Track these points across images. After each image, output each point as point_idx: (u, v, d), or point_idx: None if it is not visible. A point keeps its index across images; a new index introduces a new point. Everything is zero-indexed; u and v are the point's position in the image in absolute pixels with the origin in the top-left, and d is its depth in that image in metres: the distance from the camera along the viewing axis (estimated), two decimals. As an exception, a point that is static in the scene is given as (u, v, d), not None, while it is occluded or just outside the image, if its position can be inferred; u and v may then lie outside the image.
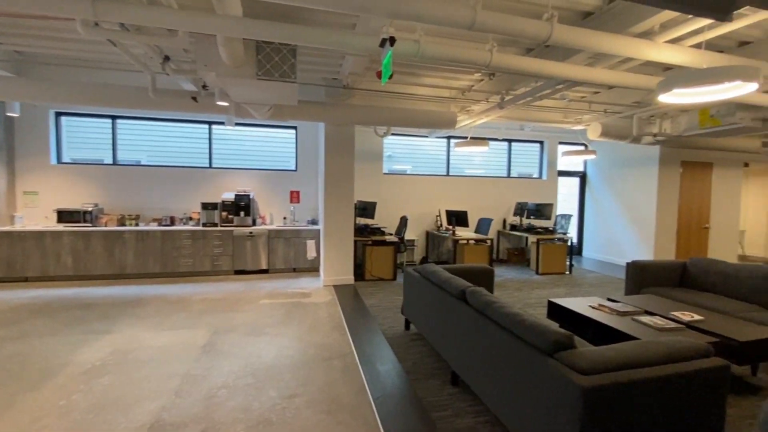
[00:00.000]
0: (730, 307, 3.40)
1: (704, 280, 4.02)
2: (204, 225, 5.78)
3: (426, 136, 7.32)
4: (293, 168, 6.72)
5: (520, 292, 5.19)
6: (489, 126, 7.32)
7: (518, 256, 7.54)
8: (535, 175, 8.21)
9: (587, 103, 5.64)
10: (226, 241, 5.79)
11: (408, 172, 7.41)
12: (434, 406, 2.38)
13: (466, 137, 7.27)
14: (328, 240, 5.43)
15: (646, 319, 2.83)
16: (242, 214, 5.90)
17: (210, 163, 6.35)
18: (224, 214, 5.86)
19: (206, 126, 6.30)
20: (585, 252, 8.49)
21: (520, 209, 7.39)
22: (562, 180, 8.38)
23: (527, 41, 3.69)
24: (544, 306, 4.54)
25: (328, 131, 5.34)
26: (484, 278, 3.64)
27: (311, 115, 4.71)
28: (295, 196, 6.65)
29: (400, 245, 6.11)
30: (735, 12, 1.67)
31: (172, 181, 6.14)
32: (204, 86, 4.20)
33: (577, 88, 5.15)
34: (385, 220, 7.09)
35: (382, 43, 2.53)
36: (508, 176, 7.95)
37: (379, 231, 6.04)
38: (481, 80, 4.88)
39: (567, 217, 7.13)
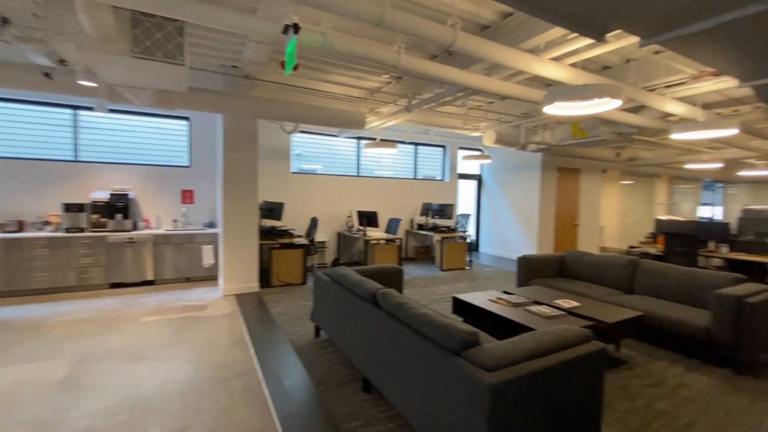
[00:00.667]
0: (598, 292, 3.97)
1: (578, 269, 4.64)
2: (67, 230, 4.76)
3: (336, 136, 7.19)
4: (186, 164, 5.98)
5: (427, 289, 5.39)
6: (397, 129, 7.49)
7: (425, 254, 7.87)
8: (439, 178, 8.68)
9: (484, 111, 6.12)
10: (97, 249, 4.86)
11: (318, 172, 7.19)
12: (345, 417, 2.27)
13: (375, 138, 7.33)
14: (229, 244, 4.94)
15: (535, 308, 3.12)
16: (119, 216, 5.02)
17: (75, 155, 5.28)
18: (95, 217, 4.91)
19: (71, 111, 5.22)
20: (482, 248, 9.26)
21: (426, 209, 7.72)
22: (461, 182, 9.01)
23: (433, 46, 3.81)
24: (449, 301, 4.78)
25: (228, 124, 4.85)
26: (395, 278, 3.65)
27: (207, 105, 4.22)
28: (187, 196, 5.92)
29: (310, 247, 5.87)
30: (608, 35, 1.90)
31: (22, 177, 4.94)
32: (62, 61, 3.43)
33: (476, 96, 5.54)
34: (294, 221, 6.76)
35: (285, 30, 2.33)
36: (415, 178, 8.25)
37: (287, 233, 5.71)
38: (389, 82, 4.93)
39: (466, 217, 7.68)
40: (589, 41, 2.87)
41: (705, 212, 12.68)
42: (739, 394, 2.60)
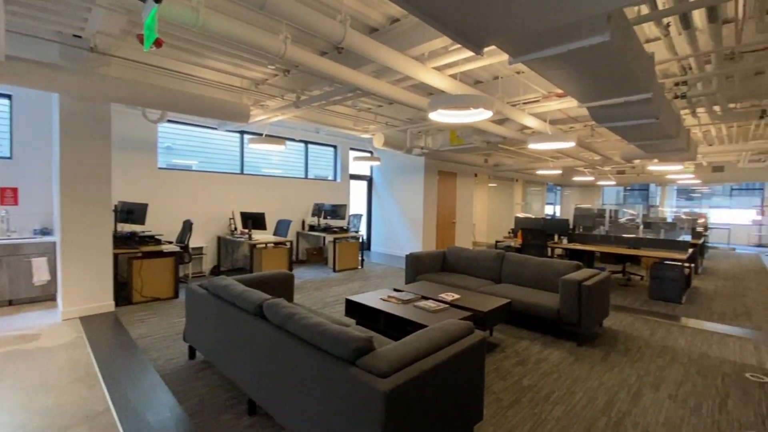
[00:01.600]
0: (474, 283, 4.40)
1: (457, 263, 5.07)
2: None
3: (215, 128, 6.48)
4: (4, 154, 4.64)
5: (319, 292, 5.24)
6: (286, 125, 7.14)
7: (317, 256, 7.69)
8: (331, 178, 8.59)
9: (373, 114, 6.24)
10: None
11: (195, 168, 6.37)
12: (227, 448, 1.99)
13: (261, 134, 6.85)
14: (70, 256, 3.98)
15: (423, 304, 3.27)
16: None
17: None
18: None
19: None
20: (373, 247, 9.51)
21: (318, 210, 7.55)
22: (353, 183, 9.09)
23: (322, 42, 3.68)
24: (342, 303, 4.72)
25: (66, 107, 3.90)
26: (284, 285, 3.42)
27: (35, 81, 3.31)
28: (9, 196, 4.60)
29: (183, 255, 5.15)
30: (484, 49, 2.07)
31: None
32: None
33: (365, 99, 5.62)
34: (162, 225, 5.85)
35: (143, -4, 1.93)
36: (306, 177, 8.00)
37: (152, 239, 4.89)
38: (276, 75, 4.63)
39: (358, 217, 7.76)
40: (466, 54, 3.12)
41: (549, 210, 15.39)
42: (582, 363, 3.14)
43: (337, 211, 7.29)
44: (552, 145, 4.43)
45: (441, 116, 3.14)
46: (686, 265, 5.31)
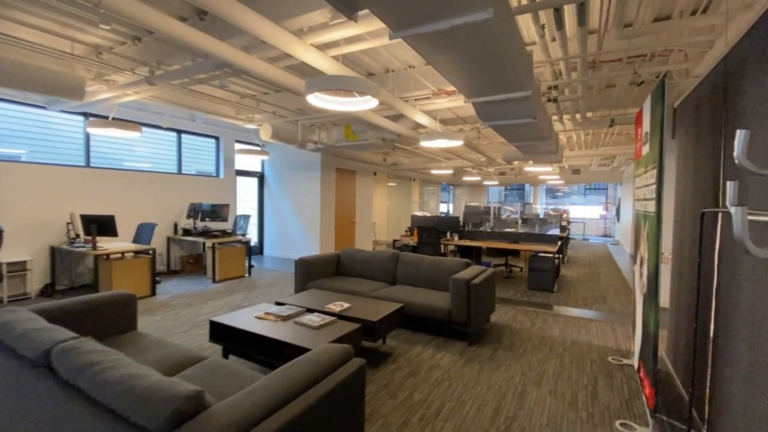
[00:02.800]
0: (369, 287, 4.12)
1: (352, 266, 4.75)
2: None
3: (44, 107, 5.03)
4: None
5: (189, 310, 4.40)
6: (149, 109, 5.96)
7: (194, 264, 6.63)
8: (213, 174, 7.54)
9: (257, 101, 5.56)
10: None
11: (24, 159, 4.86)
12: None
13: (108, 117, 5.57)
14: None
15: (306, 318, 2.83)
16: None
17: None
18: None
19: None
20: (266, 250, 8.69)
21: (194, 211, 6.50)
22: (241, 180, 8.16)
23: (179, 1, 2.96)
24: (217, 321, 4.00)
25: None
26: (123, 311, 2.63)
27: None
28: None
29: (-15, 274, 3.82)
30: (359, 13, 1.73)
31: None
32: None
33: (245, 83, 4.92)
34: (-46, 234, 4.27)
35: None
36: (180, 173, 6.84)
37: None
38: (124, 43, 3.69)
39: (245, 218, 6.94)
40: (347, 31, 2.76)
41: (444, 208, 16.30)
42: (472, 365, 3.07)
43: (218, 211, 6.37)
44: (442, 143, 4.39)
45: (320, 101, 2.75)
46: (556, 256, 5.87)
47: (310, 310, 3.14)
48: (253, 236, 8.57)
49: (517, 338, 3.69)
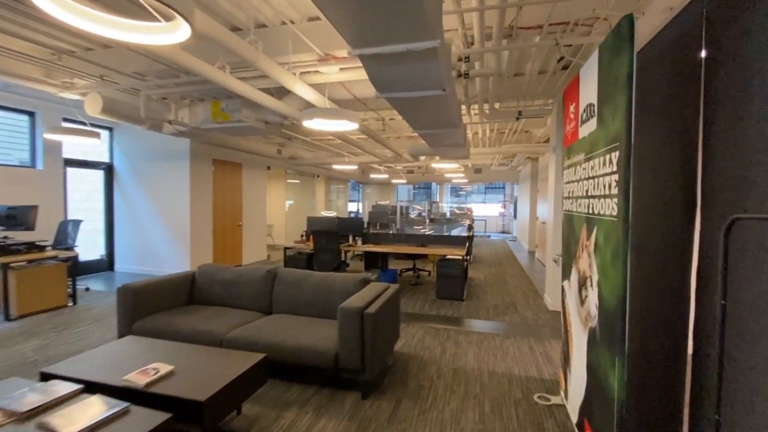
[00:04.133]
0: (230, 322, 2.92)
1: (212, 290, 3.47)
2: None
3: None
4: None
5: None
6: None
7: (-18, 294, 4.56)
8: (26, 163, 5.42)
9: (80, 60, 3.91)
10: None
11: None
12: None
13: None
14: None
15: (68, 413, 1.57)
16: None
17: None
18: None
19: None
20: (118, 265, 6.72)
21: (-23, 216, 4.46)
22: (77, 172, 6.11)
23: None
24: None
25: None
26: None
27: None
28: None
29: None
30: None
31: None
32: None
33: (56, 33, 3.29)
34: None
35: None
36: (-43, 160, 4.68)
37: None
38: None
39: (75, 224, 5.07)
40: None
41: (353, 207, 15.43)
42: (363, 437, 2.12)
43: (18, 216, 4.45)
44: (331, 124, 3.39)
45: (119, 35, 1.52)
46: (465, 259, 5.34)
47: (93, 387, 1.85)
48: (98, 247, 6.55)
49: (426, 376, 2.88)
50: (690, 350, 1.40)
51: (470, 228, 8.86)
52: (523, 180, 12.63)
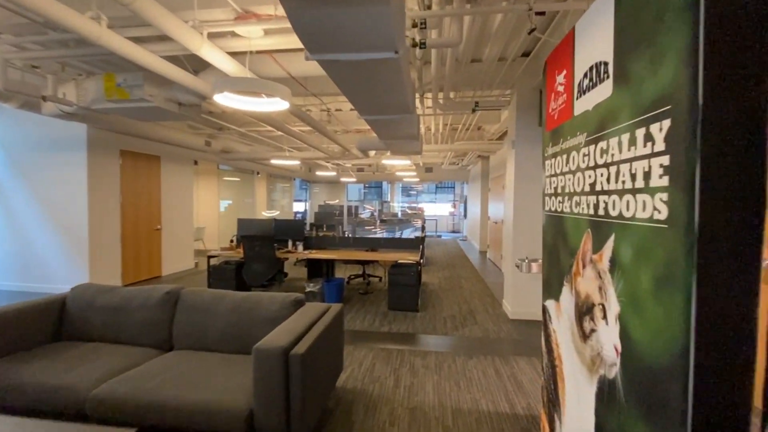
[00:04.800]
0: (104, 366, 2.09)
1: (89, 321, 2.58)
2: None
3: None
4: None
5: None
6: None
7: None
8: None
9: None
10: None
11: None
12: None
13: None
14: None
15: None
16: None
17: None
18: None
19: None
20: (-8, 282, 5.36)
21: None
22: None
23: None
24: None
25: None
26: None
27: None
28: None
29: None
30: None
31: None
32: None
33: None
34: None
35: None
36: None
37: None
38: None
39: None
40: None
41: (299, 207, 14.46)
42: None
43: None
44: (249, 102, 2.65)
45: None
46: (419, 263, 4.82)
47: None
48: (-41, 260, 5.15)
49: (376, 423, 2.26)
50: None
51: (423, 228, 8.44)
52: (473, 179, 12.53)
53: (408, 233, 8.74)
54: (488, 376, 2.86)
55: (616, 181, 1.18)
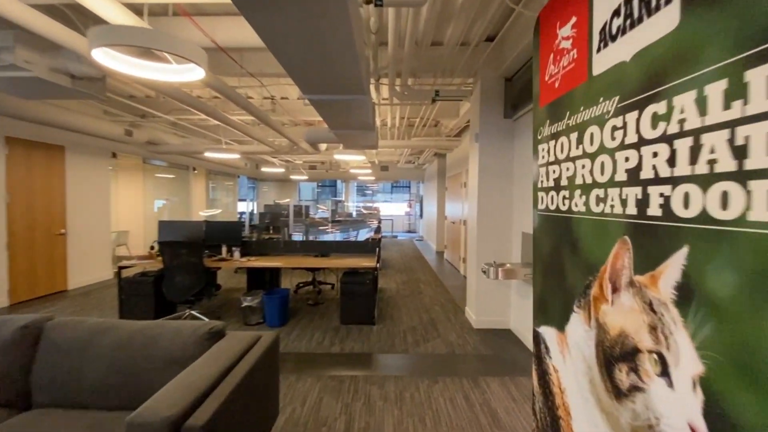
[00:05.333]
0: None
1: None
2: None
3: None
4: None
5: None
6: None
7: None
8: None
9: None
10: None
11: None
12: None
13: None
14: None
15: None
16: None
17: None
18: None
19: None
20: None
21: None
22: None
23: None
24: None
25: None
26: None
27: None
28: None
29: None
30: None
31: None
32: None
33: None
34: None
35: None
36: None
37: None
38: None
39: None
40: None
41: (245, 208, 13.38)
42: None
43: None
44: (148, 68, 1.98)
45: None
46: (376, 268, 4.31)
47: None
48: None
49: (321, 492, 1.70)
50: None
51: (378, 229, 7.95)
52: (429, 178, 12.29)
53: (364, 234, 8.22)
54: (458, 407, 2.41)
55: (694, 162, 0.74)
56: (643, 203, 0.88)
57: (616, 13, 1.00)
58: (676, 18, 0.79)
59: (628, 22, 0.95)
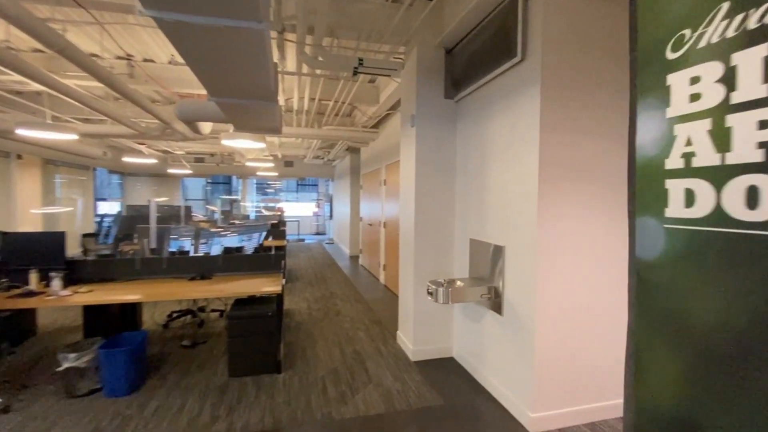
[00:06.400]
0: None
1: None
2: None
3: None
4: None
5: None
6: None
7: None
8: None
9: None
10: None
11: None
12: None
13: None
14: None
15: None
16: None
17: None
18: None
19: None
20: None
21: None
22: None
23: None
24: None
25: None
26: None
27: None
28: None
29: None
30: None
31: None
32: None
33: None
34: None
35: None
36: None
37: None
38: None
39: None
40: None
41: (106, 209, 10.58)
42: None
43: None
44: None
45: None
46: (281, 292, 3.17)
47: None
48: None
49: None
50: None
51: (283, 234, 6.67)
52: (340, 176, 11.30)
53: (256, 239, 6.87)
54: None
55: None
56: None
57: None
58: None
59: None
